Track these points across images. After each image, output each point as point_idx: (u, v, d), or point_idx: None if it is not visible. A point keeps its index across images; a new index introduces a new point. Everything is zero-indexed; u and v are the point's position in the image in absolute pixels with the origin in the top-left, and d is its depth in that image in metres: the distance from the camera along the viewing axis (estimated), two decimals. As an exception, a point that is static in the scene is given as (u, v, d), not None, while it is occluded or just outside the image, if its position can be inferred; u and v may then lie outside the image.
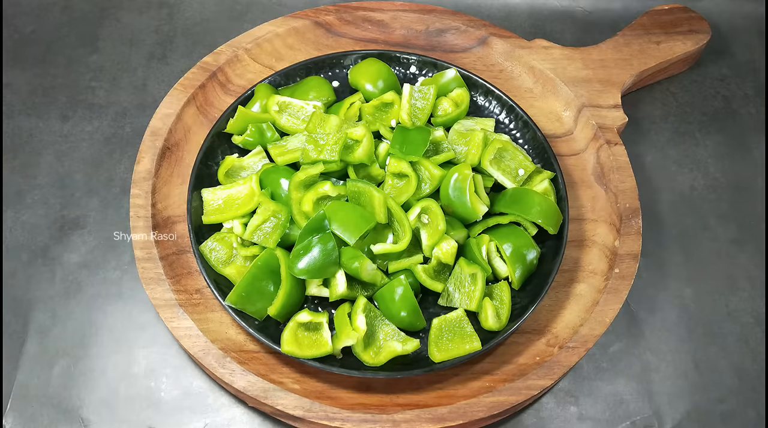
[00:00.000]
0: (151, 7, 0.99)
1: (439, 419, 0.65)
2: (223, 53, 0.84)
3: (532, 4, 1.02)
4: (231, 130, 0.77)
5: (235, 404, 0.72)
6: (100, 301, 0.77)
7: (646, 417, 0.73)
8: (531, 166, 0.74)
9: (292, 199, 0.69)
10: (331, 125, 0.73)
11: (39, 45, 0.95)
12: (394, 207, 0.68)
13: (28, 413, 0.71)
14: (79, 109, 0.90)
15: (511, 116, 0.80)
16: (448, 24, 0.89)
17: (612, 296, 0.72)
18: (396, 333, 0.68)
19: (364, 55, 0.83)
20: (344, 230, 0.66)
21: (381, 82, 0.80)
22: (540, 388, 0.67)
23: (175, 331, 0.68)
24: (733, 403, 0.74)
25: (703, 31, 0.90)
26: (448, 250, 0.68)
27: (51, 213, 0.82)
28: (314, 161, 0.70)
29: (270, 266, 0.67)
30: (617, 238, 0.75)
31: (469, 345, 0.66)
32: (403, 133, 0.73)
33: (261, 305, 0.67)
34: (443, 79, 0.81)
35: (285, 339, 0.65)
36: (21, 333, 0.75)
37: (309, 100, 0.79)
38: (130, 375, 0.73)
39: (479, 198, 0.71)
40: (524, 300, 0.70)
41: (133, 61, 0.94)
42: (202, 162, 0.75)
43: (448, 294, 0.70)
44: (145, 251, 0.72)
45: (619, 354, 0.76)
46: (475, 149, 0.73)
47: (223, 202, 0.73)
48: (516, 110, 0.79)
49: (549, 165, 0.76)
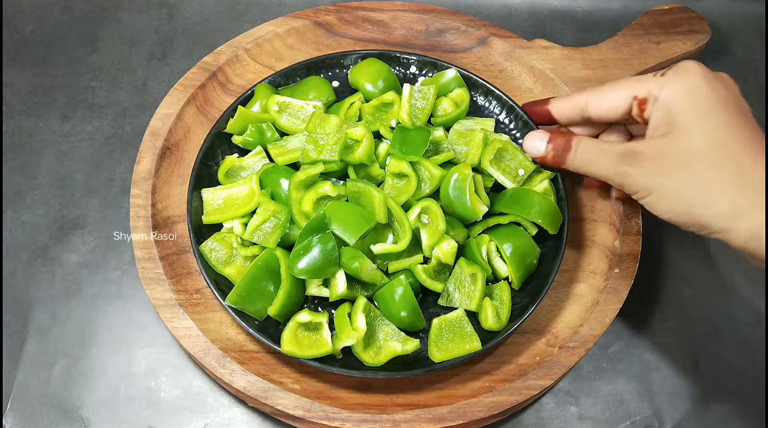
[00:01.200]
0: (151, 7, 0.99)
1: (439, 419, 0.65)
2: (223, 53, 0.84)
3: (532, 4, 1.02)
4: (231, 130, 0.77)
5: (235, 404, 0.72)
6: (100, 301, 0.77)
7: (646, 417, 0.73)
8: (531, 166, 0.74)
9: (292, 199, 0.69)
10: (331, 125, 0.73)
11: (39, 45, 0.95)
12: (394, 207, 0.68)
13: (28, 413, 0.71)
14: (79, 109, 0.90)
15: (511, 116, 0.80)
16: (448, 24, 0.89)
17: (612, 296, 0.72)
18: (396, 333, 0.68)
19: (364, 55, 0.83)
20: (344, 230, 0.66)
21: (381, 82, 0.80)
22: (540, 388, 0.67)
23: (175, 331, 0.68)
24: (733, 403, 0.74)
25: (703, 31, 0.90)
26: (448, 250, 0.68)
27: (51, 213, 0.82)
28: (314, 161, 0.70)
29: (270, 266, 0.67)
30: (617, 238, 0.75)
31: (469, 345, 0.66)
32: (403, 133, 0.73)
33: (261, 305, 0.67)
34: (443, 79, 0.81)
35: (285, 339, 0.65)
36: (21, 333, 0.75)
37: (309, 100, 0.79)
38: (130, 375, 0.73)
39: (479, 198, 0.71)
40: (524, 301, 0.70)
41: (133, 61, 0.94)
42: (202, 162, 0.75)
43: (448, 294, 0.70)
44: (145, 251, 0.72)
45: (619, 354, 0.76)
46: (475, 149, 0.73)
47: (223, 202, 0.73)
48: (516, 110, 0.79)
49: None
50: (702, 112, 0.57)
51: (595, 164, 0.63)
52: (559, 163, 0.66)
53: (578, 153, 0.64)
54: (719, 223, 0.56)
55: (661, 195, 0.58)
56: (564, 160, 0.65)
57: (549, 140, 0.67)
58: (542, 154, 0.67)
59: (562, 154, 0.65)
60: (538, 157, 0.68)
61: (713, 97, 0.57)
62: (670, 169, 0.58)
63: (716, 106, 0.57)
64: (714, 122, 0.57)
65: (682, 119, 0.58)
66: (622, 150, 0.60)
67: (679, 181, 0.57)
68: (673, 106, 0.58)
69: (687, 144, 0.57)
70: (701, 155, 0.56)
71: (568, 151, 0.65)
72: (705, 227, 0.57)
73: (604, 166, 0.62)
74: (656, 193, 0.59)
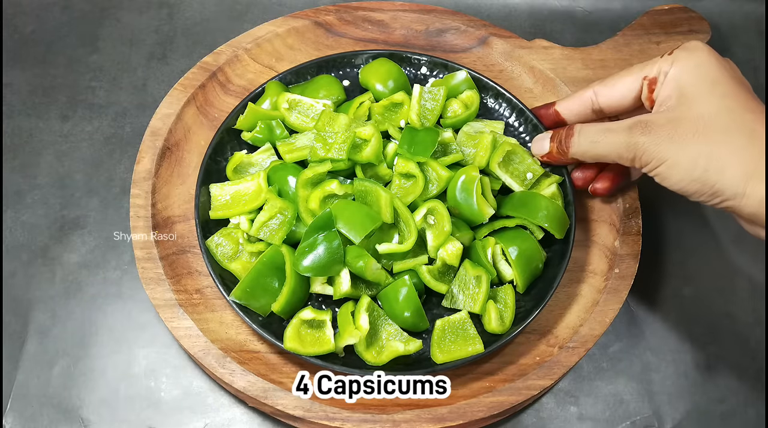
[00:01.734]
0: (151, 7, 0.99)
1: (439, 419, 0.65)
2: (223, 53, 0.84)
3: (532, 4, 1.02)
4: (240, 126, 0.77)
5: (235, 404, 0.72)
6: (100, 301, 0.77)
7: (646, 417, 0.73)
8: (539, 170, 0.74)
9: (299, 197, 0.69)
10: (340, 124, 0.73)
11: (39, 45, 0.95)
12: (400, 207, 0.68)
13: (28, 413, 0.71)
14: (79, 109, 0.90)
15: (521, 119, 0.80)
16: (448, 24, 0.89)
17: (612, 296, 0.72)
18: (399, 333, 0.68)
19: (375, 54, 0.83)
20: (350, 229, 0.66)
21: (391, 82, 0.80)
22: (540, 388, 0.67)
23: (175, 331, 0.68)
24: (733, 403, 0.74)
25: (703, 31, 0.90)
26: (453, 252, 0.68)
27: (51, 213, 0.82)
28: (322, 159, 0.70)
29: (275, 263, 0.67)
30: (617, 238, 0.75)
31: (472, 348, 0.66)
32: (412, 134, 0.73)
33: (265, 301, 0.67)
34: (454, 81, 0.81)
35: (288, 336, 0.65)
36: (21, 333, 0.75)
37: (319, 98, 0.79)
38: (130, 375, 0.73)
39: (486, 200, 0.71)
40: (528, 304, 0.70)
41: (133, 61, 0.94)
42: (211, 157, 0.75)
43: (452, 296, 0.70)
44: (145, 251, 0.72)
45: (619, 354, 0.76)
46: (484, 151, 0.73)
47: (230, 198, 0.73)
48: (526, 113, 0.78)
49: (557, 169, 0.76)
50: (710, 82, 0.58)
51: (601, 143, 0.63)
52: (564, 151, 0.66)
53: (582, 136, 0.64)
54: (732, 189, 0.56)
55: (674, 163, 0.58)
56: (568, 145, 0.65)
57: (551, 136, 0.67)
58: (546, 151, 0.67)
59: (565, 140, 0.65)
60: (544, 154, 0.68)
61: (720, 70, 0.59)
62: (683, 135, 0.58)
63: (723, 78, 0.58)
64: (722, 91, 0.58)
65: (692, 90, 0.59)
66: (632, 122, 0.61)
67: (693, 148, 0.57)
68: (682, 79, 0.59)
69: (698, 111, 0.58)
70: (712, 122, 0.57)
71: (571, 137, 0.65)
72: (718, 193, 0.57)
73: (613, 142, 0.62)
74: (670, 162, 0.58)
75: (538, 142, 0.70)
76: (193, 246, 0.74)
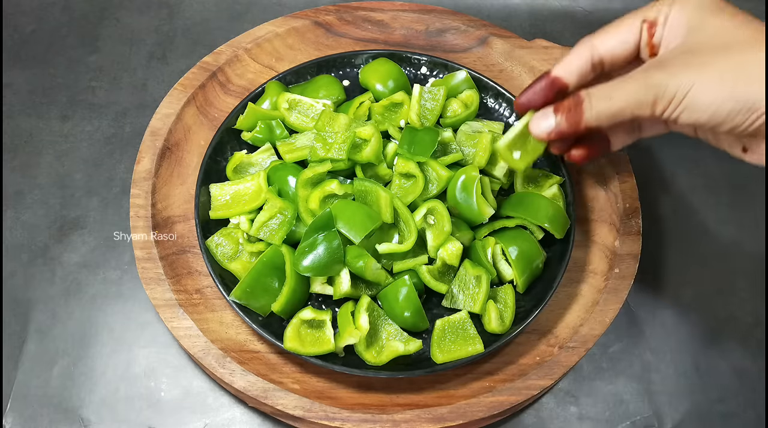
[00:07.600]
0: (151, 7, 0.99)
1: (439, 419, 0.65)
2: (223, 53, 0.84)
3: (532, 4, 1.02)
4: (240, 126, 0.78)
5: (235, 404, 0.72)
6: (100, 301, 0.77)
7: (646, 417, 0.73)
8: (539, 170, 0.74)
9: (299, 197, 0.69)
10: (339, 124, 0.73)
11: (39, 45, 0.95)
12: (400, 207, 0.68)
13: (28, 413, 0.71)
14: (79, 109, 0.90)
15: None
16: (448, 24, 0.89)
17: (612, 296, 0.72)
18: (399, 333, 0.68)
19: (375, 54, 0.83)
20: (350, 229, 0.66)
21: (391, 82, 0.80)
22: (540, 388, 0.67)
23: (175, 331, 0.68)
24: (733, 403, 0.74)
25: (703, 31, 0.90)
26: (453, 252, 0.68)
27: (51, 213, 0.82)
28: (322, 159, 0.70)
29: (275, 262, 0.67)
30: (617, 238, 0.75)
31: (472, 348, 0.66)
32: (412, 134, 0.73)
33: (265, 301, 0.67)
34: (454, 81, 0.81)
35: (288, 336, 0.65)
36: (21, 333, 0.75)
37: (319, 98, 0.79)
38: (130, 375, 0.73)
39: (486, 200, 0.71)
40: (528, 304, 0.70)
41: (133, 61, 0.94)
42: (211, 157, 0.75)
43: (452, 296, 0.70)
44: (145, 251, 0.72)
45: (619, 354, 0.76)
46: (483, 151, 0.73)
47: (230, 198, 0.73)
48: None
49: (558, 169, 0.76)
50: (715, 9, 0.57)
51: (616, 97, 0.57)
52: (578, 120, 0.59)
53: (593, 98, 0.58)
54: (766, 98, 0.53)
55: (701, 87, 0.54)
56: (581, 113, 0.59)
57: (555, 109, 0.61)
58: (554, 126, 0.61)
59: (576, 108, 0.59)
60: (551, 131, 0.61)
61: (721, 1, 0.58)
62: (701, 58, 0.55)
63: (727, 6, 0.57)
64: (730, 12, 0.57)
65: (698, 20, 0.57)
66: (644, 66, 0.58)
67: (715, 66, 0.54)
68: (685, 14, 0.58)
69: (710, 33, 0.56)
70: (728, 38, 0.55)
71: (581, 103, 0.59)
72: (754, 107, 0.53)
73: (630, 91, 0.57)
74: (695, 87, 0.54)
75: (540, 120, 0.62)
76: (193, 246, 0.74)
